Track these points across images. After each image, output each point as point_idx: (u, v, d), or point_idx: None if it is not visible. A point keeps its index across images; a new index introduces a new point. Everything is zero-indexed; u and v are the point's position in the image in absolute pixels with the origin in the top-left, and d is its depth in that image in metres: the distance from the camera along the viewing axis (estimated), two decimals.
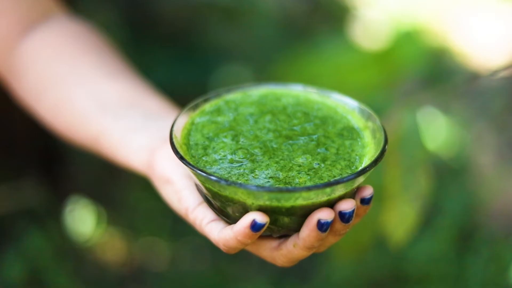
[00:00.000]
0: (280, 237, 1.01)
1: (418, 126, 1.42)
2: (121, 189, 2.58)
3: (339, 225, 0.96)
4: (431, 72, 3.00)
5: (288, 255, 0.99)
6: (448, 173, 2.74)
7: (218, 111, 1.10)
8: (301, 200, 0.92)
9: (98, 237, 2.43)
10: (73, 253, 2.36)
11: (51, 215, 2.35)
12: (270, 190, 0.92)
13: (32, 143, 2.37)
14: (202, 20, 3.21)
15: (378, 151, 0.99)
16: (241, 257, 2.39)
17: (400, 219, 1.41)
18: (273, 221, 0.95)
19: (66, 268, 2.26)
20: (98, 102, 1.25)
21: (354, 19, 3.27)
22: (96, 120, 1.24)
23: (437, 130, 2.77)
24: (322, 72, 2.80)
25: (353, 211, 0.95)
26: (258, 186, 0.93)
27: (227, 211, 0.98)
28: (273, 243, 1.01)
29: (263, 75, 2.95)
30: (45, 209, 2.32)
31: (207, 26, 3.19)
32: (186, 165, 0.96)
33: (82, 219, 2.44)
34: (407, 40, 2.89)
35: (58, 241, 2.31)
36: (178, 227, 2.48)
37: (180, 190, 1.06)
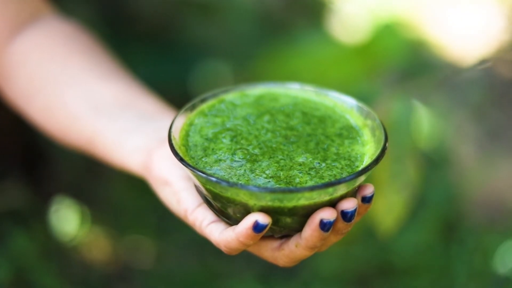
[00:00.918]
0: (281, 237, 1.01)
1: (406, 116, 1.43)
2: (104, 188, 2.57)
3: (341, 224, 0.96)
4: (410, 65, 3.01)
5: (290, 255, 0.99)
6: (430, 164, 2.75)
7: (215, 111, 1.10)
8: (303, 200, 0.92)
9: (83, 236, 2.42)
10: (59, 253, 2.35)
11: (35, 216, 2.33)
12: (273, 190, 0.91)
13: (14, 144, 2.35)
14: (180, 16, 3.20)
15: (379, 149, 0.99)
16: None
17: (388, 208, 1.42)
18: (275, 222, 0.95)
19: (51, 268, 2.24)
20: (91, 104, 1.24)
21: (332, 13, 3.27)
22: (90, 122, 1.23)
23: (418, 121, 2.79)
24: (302, 67, 2.81)
25: (355, 210, 0.95)
26: (261, 187, 0.92)
27: (227, 212, 0.98)
28: (275, 244, 1.01)
29: (243, 71, 2.95)
30: (29, 210, 2.30)
31: (185, 23, 3.17)
32: (186, 166, 0.96)
33: (67, 219, 2.42)
34: (386, 33, 2.90)
35: (43, 241, 2.30)
36: (163, 224, 2.48)
37: (178, 192, 1.06)
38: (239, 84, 1.16)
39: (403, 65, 2.97)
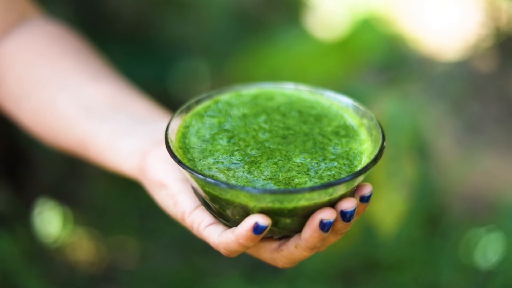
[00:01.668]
0: (280, 238, 1.01)
1: (400, 115, 1.43)
2: (86, 189, 2.55)
3: (340, 224, 0.96)
4: (388, 59, 3.02)
5: (289, 256, 0.99)
6: (397, 162, 2.77)
7: (211, 112, 1.09)
8: (303, 201, 0.92)
9: (66, 238, 2.41)
10: (43, 255, 2.33)
11: (18, 219, 2.31)
12: (274, 192, 0.91)
13: None
14: (157, 15, 3.18)
15: (377, 148, 0.99)
16: (212, 251, 2.39)
17: (388, 207, 1.42)
18: (274, 223, 0.95)
19: (36, 270, 2.23)
20: (82, 106, 1.23)
21: (309, 10, 3.28)
22: (81, 124, 1.21)
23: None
24: (281, 63, 2.81)
25: (354, 210, 0.95)
26: (261, 189, 0.92)
27: (226, 214, 0.97)
28: (273, 245, 1.01)
29: (222, 69, 2.94)
30: (12, 213, 2.29)
31: (162, 22, 3.16)
32: (185, 169, 0.95)
33: (50, 221, 2.40)
34: (364, 28, 2.90)
35: (27, 243, 2.28)
36: (146, 224, 2.47)
37: (175, 194, 1.05)
38: (232, 85, 1.15)
39: (381, 60, 2.98)
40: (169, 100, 2.72)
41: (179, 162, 0.96)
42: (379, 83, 2.73)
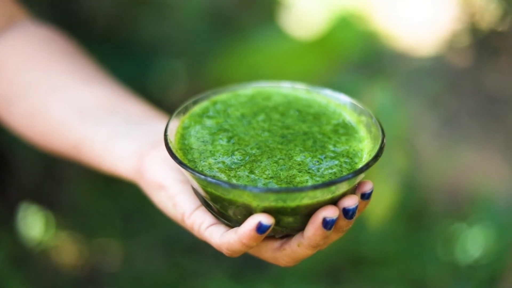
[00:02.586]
0: (281, 237, 1.01)
1: (389, 107, 1.44)
2: (67, 193, 2.54)
3: (342, 221, 0.96)
4: (366, 56, 3.04)
5: (292, 255, 0.99)
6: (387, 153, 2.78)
7: (209, 113, 1.09)
8: (306, 199, 0.92)
9: (49, 242, 2.39)
10: (26, 259, 2.31)
11: (1, 224, 2.29)
12: (277, 191, 0.91)
13: None
14: (133, 16, 3.17)
15: (377, 145, 0.99)
16: (196, 252, 2.39)
17: (377, 198, 1.43)
18: (277, 222, 0.95)
19: (19, 274, 2.21)
20: (76, 109, 1.22)
21: (285, 9, 3.28)
22: (76, 127, 1.20)
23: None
24: (260, 62, 2.81)
25: (356, 207, 0.95)
26: (265, 188, 0.92)
27: (228, 214, 0.97)
28: (275, 244, 1.00)
29: (200, 69, 2.94)
30: None
31: (138, 23, 3.15)
32: (186, 169, 0.95)
33: (32, 225, 2.39)
34: (342, 25, 2.91)
35: (10, 248, 2.26)
36: (129, 226, 2.46)
37: (174, 195, 1.05)
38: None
39: (359, 57, 3.00)
40: (148, 101, 2.70)
41: (180, 163, 0.96)
42: (359, 79, 2.74)
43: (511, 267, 1.96)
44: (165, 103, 2.48)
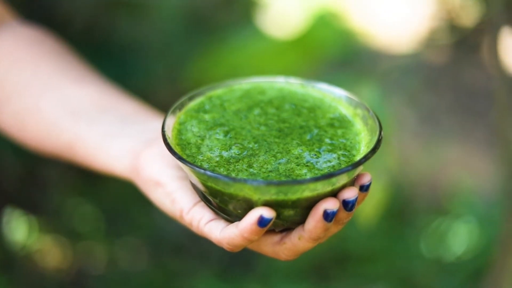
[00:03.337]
0: (281, 231, 1.01)
1: (377, 103, 1.44)
2: (49, 196, 2.52)
3: (342, 213, 0.96)
4: (345, 54, 3.05)
5: (293, 248, 0.99)
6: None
7: (205, 108, 1.09)
8: (307, 192, 0.92)
9: (33, 246, 2.37)
10: (11, 263, 2.30)
11: None
12: (279, 184, 0.91)
13: None
14: (109, 18, 3.16)
15: (375, 138, 1.00)
16: (182, 252, 2.38)
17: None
18: (277, 215, 0.95)
19: (4, 278, 2.20)
20: (68, 109, 1.21)
21: (262, 9, 3.29)
22: (68, 128, 1.20)
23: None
24: (240, 62, 2.81)
25: (356, 198, 0.95)
26: (267, 181, 0.92)
27: (228, 208, 0.97)
28: (275, 238, 1.00)
29: (179, 70, 2.93)
30: None
31: (114, 24, 3.13)
32: (186, 165, 0.94)
33: (16, 230, 2.37)
34: (320, 24, 2.92)
35: None
36: (113, 228, 2.45)
37: (172, 192, 1.04)
38: (225, 81, 1.15)
39: (338, 55, 3.01)
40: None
41: (180, 158, 0.95)
42: (341, 77, 2.75)
43: (495, 260, 1.98)
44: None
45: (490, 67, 3.05)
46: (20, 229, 2.38)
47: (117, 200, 2.42)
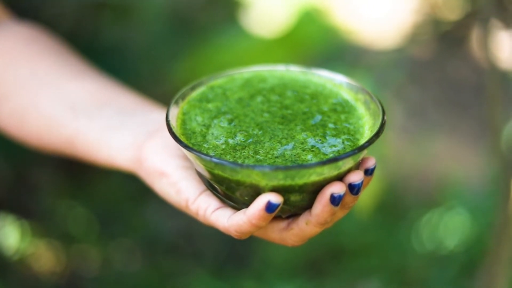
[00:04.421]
0: (287, 217, 1.01)
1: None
2: (42, 200, 2.51)
3: (348, 197, 0.97)
4: (331, 50, 3.06)
5: (300, 234, 0.99)
6: None
7: (207, 98, 1.09)
8: (314, 176, 0.93)
9: (26, 250, 2.36)
10: (5, 268, 2.29)
11: None
12: (286, 168, 0.91)
13: None
14: (93, 20, 3.15)
15: (378, 121, 1.00)
16: (176, 252, 2.38)
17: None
18: (284, 201, 0.95)
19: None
20: (67, 104, 1.21)
21: (245, 8, 3.29)
22: (68, 123, 1.19)
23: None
24: (227, 62, 2.81)
25: (361, 182, 0.96)
26: (274, 166, 0.92)
27: (235, 195, 0.97)
28: (282, 224, 1.01)
29: (166, 70, 2.93)
30: None
31: (99, 26, 3.13)
32: (192, 153, 0.95)
33: (8, 234, 2.36)
34: (306, 21, 2.93)
35: None
36: (106, 230, 2.44)
37: (177, 182, 1.04)
38: (226, 70, 1.16)
39: (324, 52, 3.02)
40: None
41: (186, 146, 0.96)
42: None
43: (489, 251, 1.99)
44: None
45: (480, 59, 3.07)
46: (13, 234, 2.36)
47: (109, 201, 2.42)
